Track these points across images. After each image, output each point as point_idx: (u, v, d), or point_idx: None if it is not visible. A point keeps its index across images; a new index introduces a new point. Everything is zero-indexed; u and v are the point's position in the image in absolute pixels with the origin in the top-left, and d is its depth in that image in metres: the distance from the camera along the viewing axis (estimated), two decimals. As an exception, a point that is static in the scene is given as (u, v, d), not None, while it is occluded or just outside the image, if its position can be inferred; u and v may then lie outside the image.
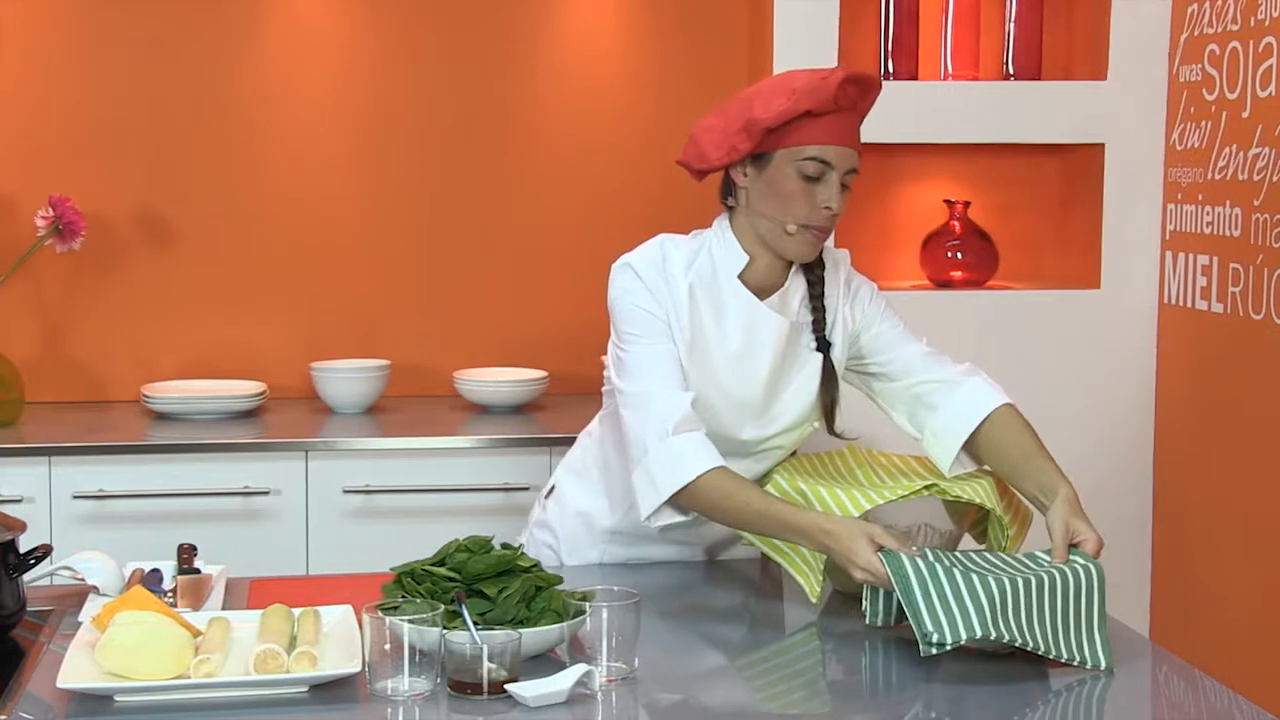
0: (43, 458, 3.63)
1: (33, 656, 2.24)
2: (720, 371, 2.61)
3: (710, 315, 2.60)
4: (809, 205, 2.53)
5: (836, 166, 2.52)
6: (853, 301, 2.73)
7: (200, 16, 4.13)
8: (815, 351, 2.66)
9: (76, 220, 3.90)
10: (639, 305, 2.59)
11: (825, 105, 2.50)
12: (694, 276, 2.61)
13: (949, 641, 2.17)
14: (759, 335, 2.61)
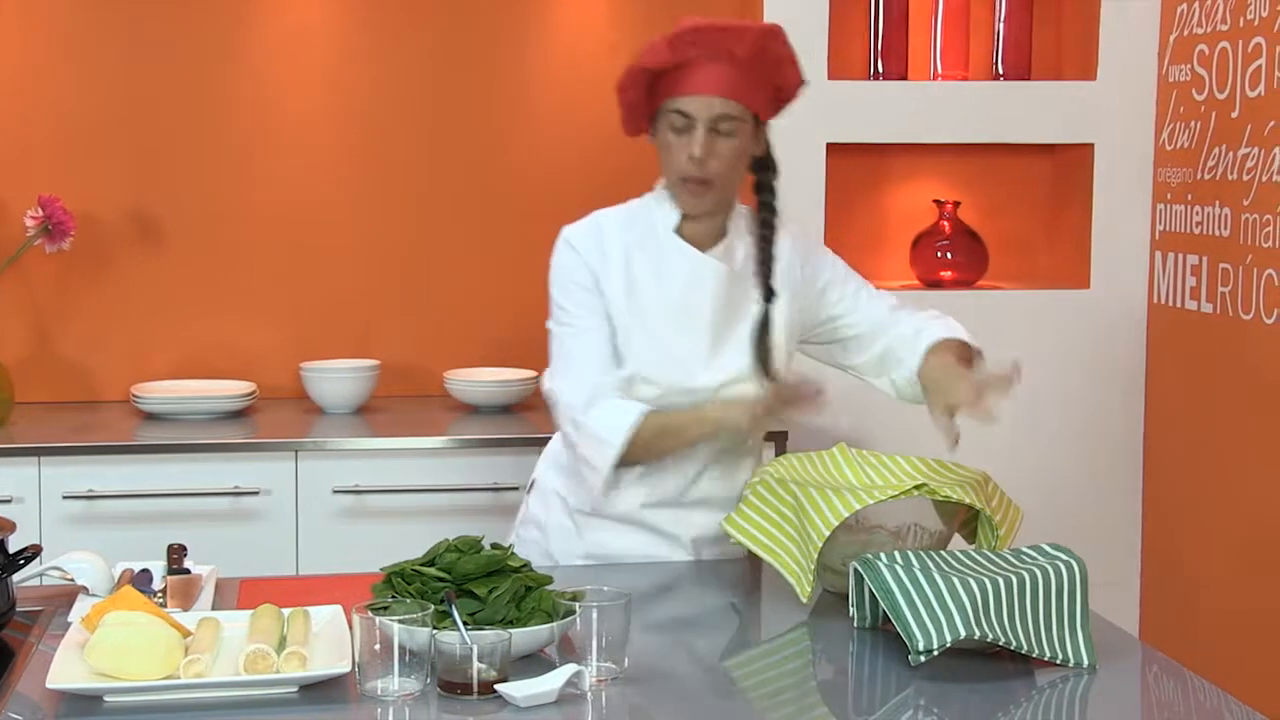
0: (32, 458, 3.62)
1: (22, 657, 2.24)
2: (664, 322, 2.67)
3: (649, 270, 2.68)
4: (679, 158, 2.61)
5: (696, 116, 2.58)
6: (805, 260, 2.79)
7: (190, 16, 4.13)
8: (761, 300, 2.71)
9: (66, 220, 3.89)
10: (573, 280, 2.69)
11: (665, 60, 2.58)
12: (631, 237, 2.70)
13: (935, 647, 2.18)
14: (699, 284, 2.67)
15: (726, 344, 2.70)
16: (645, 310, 2.68)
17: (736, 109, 2.60)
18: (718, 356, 2.70)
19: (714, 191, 2.64)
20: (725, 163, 2.61)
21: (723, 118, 2.59)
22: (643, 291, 2.68)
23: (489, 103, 4.27)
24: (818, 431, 3.84)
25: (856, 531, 2.52)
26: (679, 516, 2.80)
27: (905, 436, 3.87)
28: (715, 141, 2.59)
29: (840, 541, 2.50)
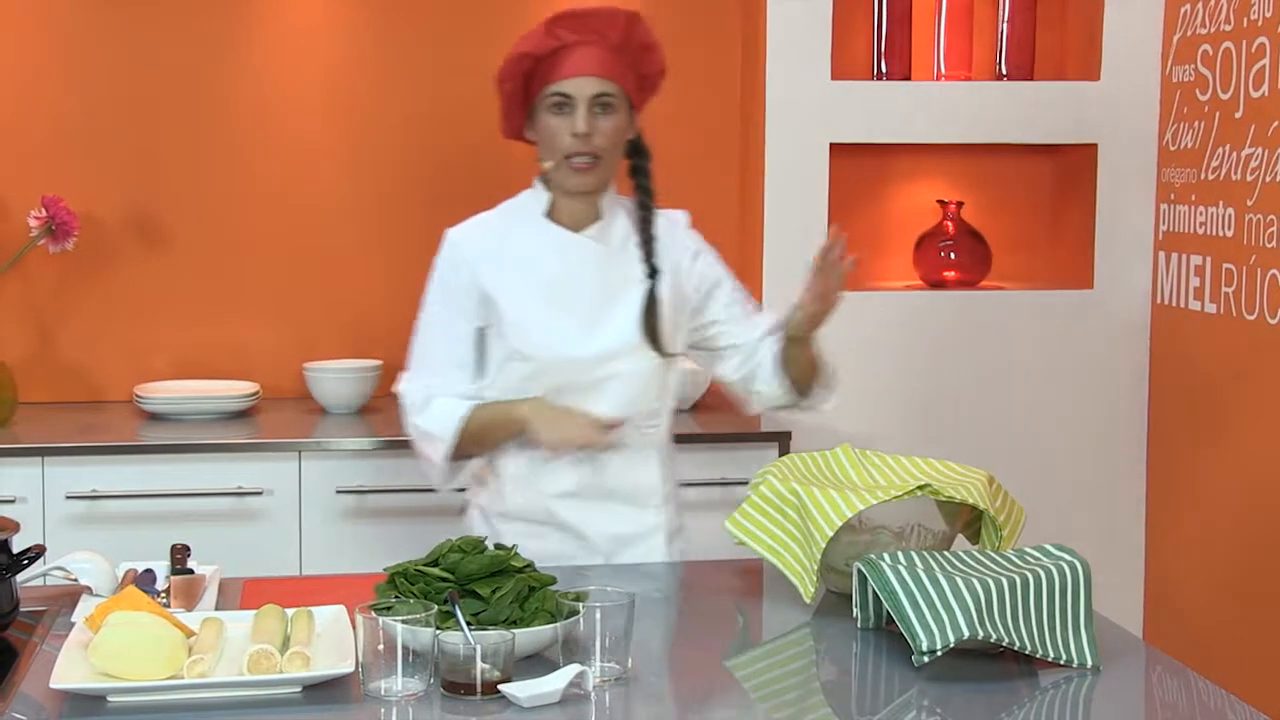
0: (36, 458, 3.63)
1: (26, 657, 2.24)
2: (539, 301, 2.78)
3: (526, 256, 2.80)
4: (563, 136, 2.73)
5: (576, 96, 2.71)
6: (697, 255, 2.90)
7: (191, 17, 4.13)
8: (645, 278, 2.80)
9: (69, 221, 3.90)
10: (444, 279, 2.83)
11: (541, 45, 2.73)
12: (507, 229, 2.84)
13: (939, 647, 2.18)
14: (573, 263, 2.79)
15: (607, 319, 2.79)
16: (521, 292, 2.79)
17: (613, 88, 2.74)
18: (597, 330, 2.78)
19: (599, 167, 2.77)
20: (607, 138, 2.75)
21: (601, 95, 2.72)
22: (520, 276, 2.79)
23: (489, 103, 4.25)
24: (822, 431, 3.85)
25: (860, 532, 2.52)
26: (588, 512, 2.83)
27: (909, 437, 3.89)
28: (596, 119, 2.73)
29: (844, 542, 2.50)
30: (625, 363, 2.79)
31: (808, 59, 4.08)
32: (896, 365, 4.15)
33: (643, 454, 2.86)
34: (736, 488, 3.75)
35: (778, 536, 2.55)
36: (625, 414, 2.79)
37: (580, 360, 2.77)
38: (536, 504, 2.84)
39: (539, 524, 2.84)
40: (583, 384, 2.78)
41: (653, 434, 2.87)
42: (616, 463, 2.82)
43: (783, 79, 4.08)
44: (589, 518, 2.83)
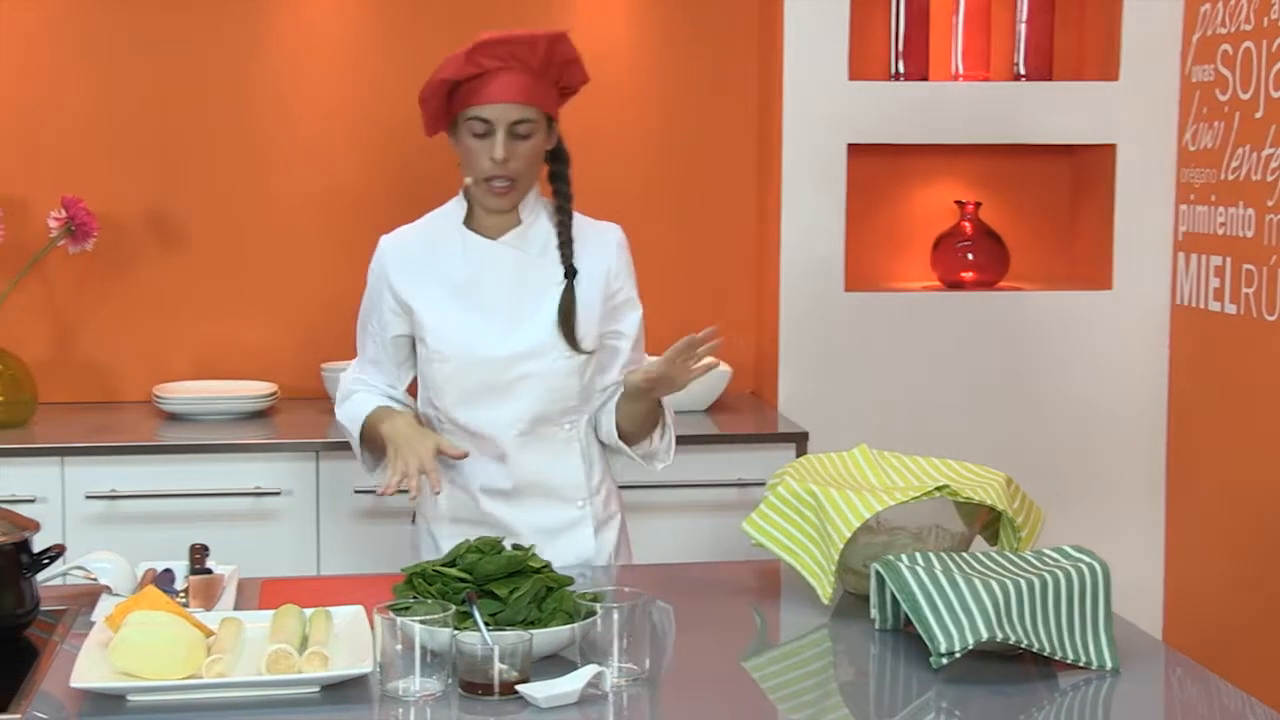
0: (55, 458, 3.64)
1: (46, 656, 2.25)
2: (456, 302, 2.86)
3: (442, 260, 2.88)
4: (482, 160, 2.79)
5: (495, 122, 2.77)
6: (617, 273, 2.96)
7: (209, 17, 4.14)
8: (562, 279, 2.86)
9: (89, 221, 3.91)
10: (371, 285, 2.97)
11: (462, 71, 2.78)
12: (426, 235, 2.93)
13: (958, 649, 2.18)
14: (488, 268, 2.86)
15: (523, 320, 2.84)
16: (436, 297, 2.87)
17: (532, 112, 2.80)
18: (514, 331, 2.84)
19: (516, 189, 2.83)
20: (525, 162, 2.81)
21: (520, 122, 2.78)
22: (436, 282, 2.88)
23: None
24: (839, 432, 3.85)
25: (878, 533, 2.51)
26: (513, 508, 2.88)
27: (927, 438, 3.88)
28: (514, 144, 2.79)
29: (861, 543, 2.50)
30: (540, 362, 2.84)
31: (825, 59, 4.08)
32: (914, 366, 4.14)
33: (562, 451, 2.90)
34: (753, 489, 3.76)
35: (795, 538, 2.55)
36: (538, 414, 2.85)
37: (495, 359, 2.83)
38: (464, 502, 2.90)
39: (468, 523, 2.88)
40: (499, 383, 2.84)
41: (570, 432, 2.90)
42: (538, 462, 2.87)
43: (800, 79, 4.08)
44: (514, 513, 2.88)
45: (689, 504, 3.81)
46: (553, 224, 2.90)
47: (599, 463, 2.96)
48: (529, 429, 2.86)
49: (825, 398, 4.11)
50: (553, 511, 2.89)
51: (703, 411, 4.08)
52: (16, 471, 3.61)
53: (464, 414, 2.87)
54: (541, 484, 2.89)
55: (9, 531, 2.32)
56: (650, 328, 4.30)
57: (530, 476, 2.88)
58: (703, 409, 4.09)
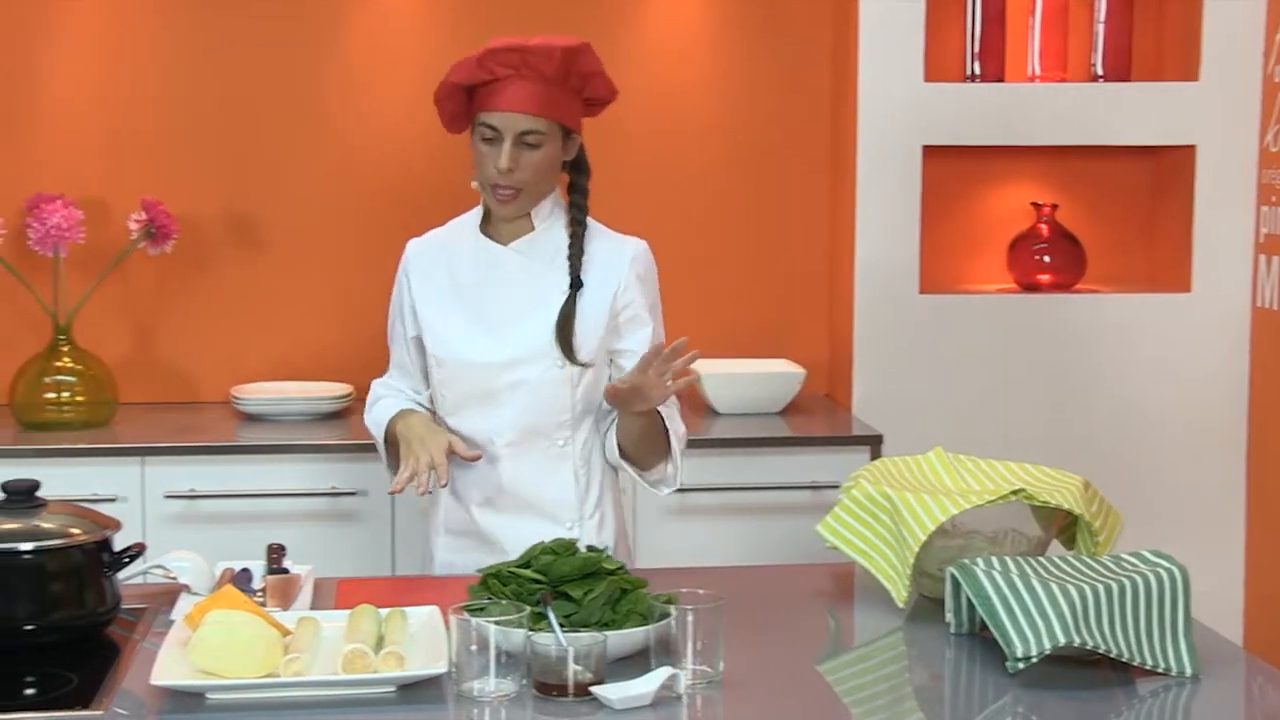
0: (135, 458, 3.68)
1: (127, 653, 2.27)
2: (458, 306, 2.85)
3: (455, 264, 2.88)
4: (488, 167, 2.76)
5: (503, 130, 2.74)
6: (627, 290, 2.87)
7: (286, 18, 4.17)
8: (567, 289, 2.82)
9: (168, 223, 3.95)
10: (395, 287, 2.97)
11: (474, 77, 2.76)
12: (449, 239, 2.93)
13: (1034, 654, 2.16)
14: (495, 272, 2.84)
15: (522, 325, 2.81)
16: (440, 300, 2.88)
17: (542, 124, 2.75)
18: (511, 336, 2.81)
19: (521, 198, 2.79)
20: (531, 172, 2.76)
21: (529, 132, 2.74)
22: (444, 285, 2.88)
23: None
24: (914, 435, 3.83)
25: (953, 536, 2.50)
26: (504, 522, 2.84)
27: (1002, 442, 3.86)
28: (521, 154, 2.75)
29: (936, 546, 2.48)
30: (531, 369, 2.80)
31: (900, 60, 4.06)
32: (989, 368, 4.12)
33: (553, 467, 2.84)
34: (827, 491, 3.74)
35: (870, 540, 2.54)
36: (527, 424, 2.81)
37: (486, 365, 2.81)
38: (460, 514, 2.88)
39: (461, 534, 2.87)
40: (488, 390, 2.81)
41: (564, 449, 2.84)
42: (527, 474, 2.83)
43: (874, 81, 4.06)
44: (504, 528, 2.83)
45: (762, 506, 3.80)
46: (567, 234, 2.87)
47: (599, 488, 2.89)
48: (519, 439, 2.81)
49: (900, 400, 4.10)
50: (539, 529, 2.73)
51: (776, 413, 4.08)
52: (98, 471, 3.66)
53: (457, 420, 2.85)
54: (530, 499, 2.83)
55: (91, 530, 2.35)
56: (722, 331, 4.33)
57: (519, 490, 2.83)
58: (776, 411, 4.08)
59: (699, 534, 3.79)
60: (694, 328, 4.30)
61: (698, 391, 4.14)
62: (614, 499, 2.93)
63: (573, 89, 2.79)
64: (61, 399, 3.88)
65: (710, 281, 4.35)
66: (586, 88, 2.82)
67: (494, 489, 2.84)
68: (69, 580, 2.29)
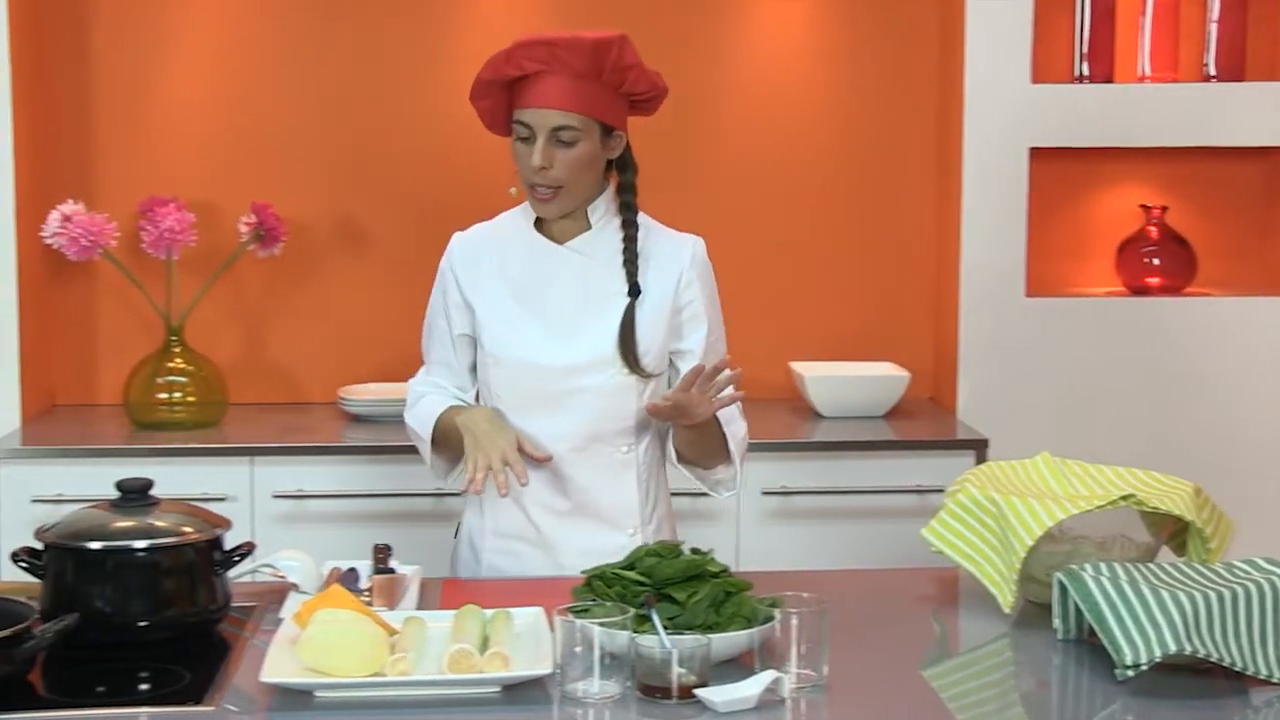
0: (244, 458, 3.73)
1: (237, 651, 2.31)
2: (516, 304, 2.79)
3: (509, 261, 2.82)
4: (525, 166, 2.72)
5: (535, 127, 2.69)
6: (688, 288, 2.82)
7: (394, 25, 4.21)
8: (626, 295, 2.77)
9: (277, 226, 4.00)
10: (439, 280, 2.90)
11: (502, 72, 2.71)
12: (499, 235, 2.87)
13: (1144, 661, 2.13)
14: (553, 273, 2.79)
15: (582, 331, 2.76)
16: (497, 298, 2.81)
17: (576, 120, 2.69)
18: (571, 341, 2.76)
19: (560, 196, 2.73)
20: (568, 170, 2.71)
21: (562, 129, 2.69)
22: (499, 283, 2.81)
23: (686, 107, 4.28)
24: (1020, 439, 3.79)
25: (1060, 542, 2.48)
26: (563, 528, 2.80)
27: (1110, 447, 3.81)
28: (556, 151, 2.70)
29: (1043, 552, 2.46)
30: (595, 377, 2.75)
31: (1007, 61, 4.03)
32: (1098, 372, 4.07)
33: (616, 475, 2.81)
34: (932, 495, 3.72)
35: (976, 545, 2.52)
36: (591, 431, 2.76)
37: (548, 369, 2.75)
38: (516, 517, 2.81)
39: (514, 538, 2.82)
40: (551, 394, 2.75)
41: (628, 455, 2.81)
42: (590, 480, 2.79)
43: (981, 82, 4.03)
44: (563, 534, 2.79)
45: (867, 510, 3.79)
46: (613, 227, 2.80)
47: (658, 493, 2.87)
48: (582, 445, 2.76)
49: (1005, 404, 4.06)
50: (601, 536, 2.76)
51: (880, 417, 4.06)
52: (208, 471, 3.71)
53: (518, 424, 2.76)
54: (592, 505, 2.79)
55: (202, 529, 2.38)
56: (826, 333, 4.32)
57: (581, 496, 2.78)
58: (880, 414, 4.06)
59: (802, 537, 3.78)
60: (798, 329, 4.32)
61: (801, 394, 4.13)
62: (668, 503, 2.92)
63: (609, 84, 2.72)
64: (173, 399, 3.94)
65: (815, 283, 4.34)
66: (624, 82, 2.73)
67: (555, 494, 2.79)
68: (181, 578, 2.33)
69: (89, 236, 3.81)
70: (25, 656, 2.10)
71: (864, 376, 4.12)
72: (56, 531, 2.35)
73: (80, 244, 3.81)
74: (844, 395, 4.05)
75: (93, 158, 4.19)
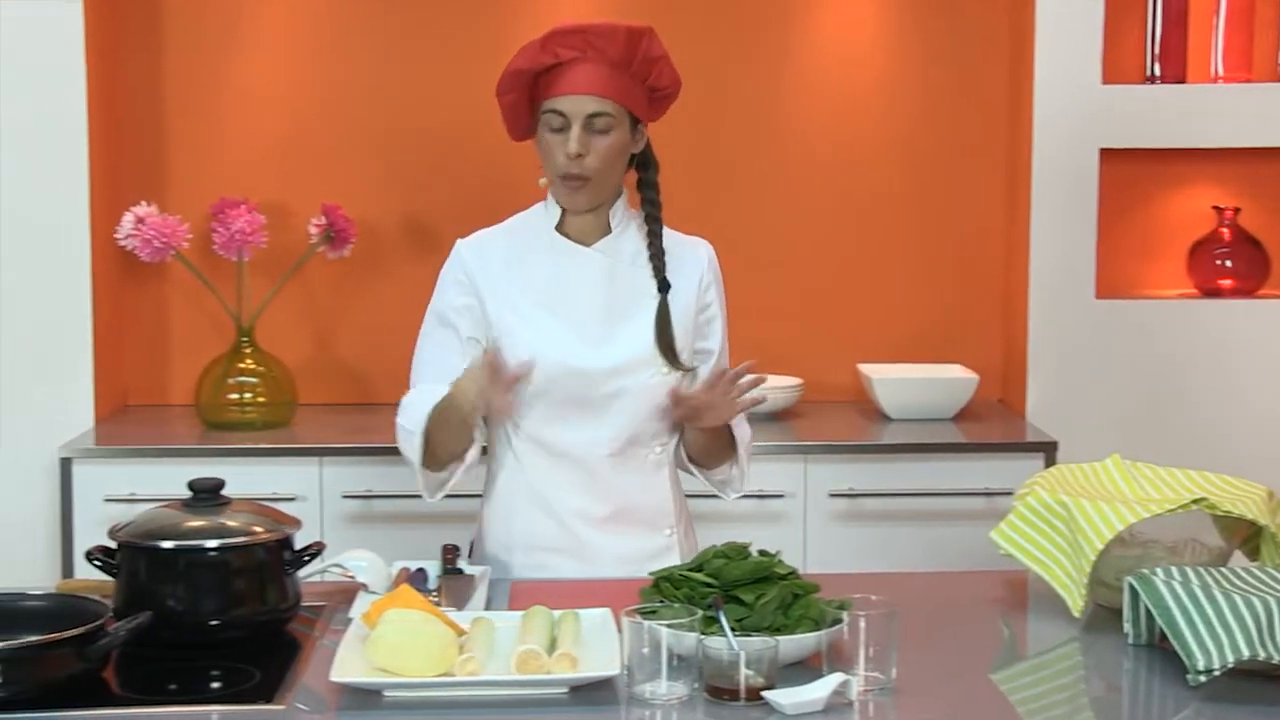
0: (314, 458, 3.76)
1: (307, 650, 2.32)
2: (546, 310, 2.75)
3: (531, 265, 2.78)
4: (557, 155, 2.70)
5: (569, 114, 2.67)
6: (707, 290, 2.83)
7: (460, 28, 4.23)
8: (657, 292, 2.76)
9: (347, 228, 4.03)
10: (443, 289, 2.84)
11: (537, 61, 2.69)
12: (515, 240, 2.83)
13: (1216, 666, 2.11)
14: (580, 276, 2.76)
15: (617, 333, 2.75)
16: (524, 304, 2.76)
17: (610, 107, 2.68)
18: (607, 344, 2.74)
19: (592, 187, 2.72)
20: (601, 159, 2.69)
21: (597, 115, 2.68)
22: (524, 288, 2.77)
23: (751, 108, 4.28)
24: (1090, 442, 3.77)
25: (1131, 546, 2.46)
26: (599, 534, 2.78)
27: (1182, 450, 3.77)
28: (591, 139, 2.69)
29: (1114, 555, 2.44)
30: (635, 378, 2.74)
31: (1077, 62, 4.00)
32: (1169, 375, 4.04)
33: (651, 476, 2.80)
34: (1000, 498, 3.70)
35: (1045, 549, 2.51)
36: (630, 433, 2.75)
37: (587, 373, 2.72)
38: (550, 528, 2.78)
39: (549, 551, 2.78)
40: (591, 399, 2.73)
41: (661, 455, 2.81)
42: (628, 485, 2.77)
43: (1051, 83, 4.01)
44: (601, 541, 2.77)
45: (935, 512, 3.77)
46: (641, 236, 2.79)
47: (681, 494, 2.88)
48: (621, 449, 2.75)
49: (1075, 407, 4.03)
50: (639, 540, 2.77)
51: (949, 419, 4.04)
52: (278, 471, 3.74)
53: (552, 433, 2.75)
54: (631, 510, 2.78)
55: (273, 529, 2.40)
56: (895, 335, 4.30)
57: (620, 501, 2.77)
58: (949, 417, 4.04)
59: (870, 540, 3.77)
60: (866, 331, 4.31)
61: (869, 396, 4.11)
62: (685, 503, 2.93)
63: (638, 75, 2.72)
64: (244, 400, 3.98)
65: (883, 285, 4.33)
66: (651, 74, 2.73)
67: (597, 504, 2.77)
68: (252, 577, 2.35)
69: (162, 238, 3.85)
70: (99, 654, 2.12)
71: (932, 378, 4.11)
72: (129, 530, 2.37)
73: (153, 246, 3.85)
74: (912, 397, 4.04)
75: (165, 160, 4.24)
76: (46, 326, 3.93)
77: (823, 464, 3.78)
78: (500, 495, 2.85)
